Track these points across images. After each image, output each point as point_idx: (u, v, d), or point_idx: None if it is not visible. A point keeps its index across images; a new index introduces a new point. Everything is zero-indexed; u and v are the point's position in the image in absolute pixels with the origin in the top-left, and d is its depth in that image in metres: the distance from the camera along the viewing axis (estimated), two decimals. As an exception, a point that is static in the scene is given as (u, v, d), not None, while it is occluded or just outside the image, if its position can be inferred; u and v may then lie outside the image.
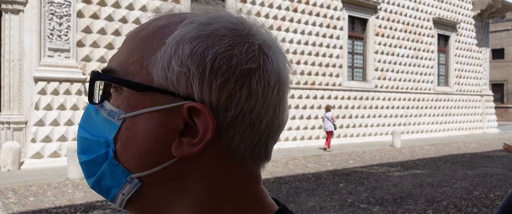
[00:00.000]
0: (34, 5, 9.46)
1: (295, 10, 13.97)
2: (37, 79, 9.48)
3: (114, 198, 0.49)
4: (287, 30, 13.71)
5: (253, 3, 12.91)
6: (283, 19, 13.66)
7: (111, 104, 0.48)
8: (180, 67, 0.46)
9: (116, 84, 0.49)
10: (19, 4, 9.39)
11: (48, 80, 9.53)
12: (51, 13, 9.63)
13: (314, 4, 14.53)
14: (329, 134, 12.73)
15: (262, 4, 13.13)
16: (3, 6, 9.36)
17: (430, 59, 19.00)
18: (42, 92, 9.48)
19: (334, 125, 12.66)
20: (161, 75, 0.46)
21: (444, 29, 19.78)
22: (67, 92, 9.75)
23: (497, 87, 33.38)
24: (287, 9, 13.77)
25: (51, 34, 9.66)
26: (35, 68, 9.52)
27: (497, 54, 33.79)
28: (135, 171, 0.47)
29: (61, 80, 9.62)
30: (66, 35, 9.79)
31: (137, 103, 0.47)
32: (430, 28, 19.05)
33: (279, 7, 13.55)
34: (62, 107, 9.63)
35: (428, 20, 18.91)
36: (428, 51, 18.94)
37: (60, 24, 9.74)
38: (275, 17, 13.42)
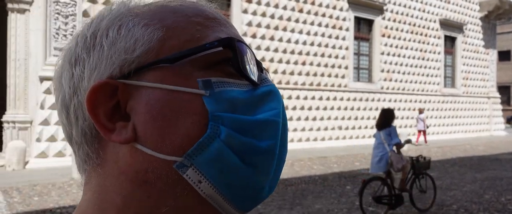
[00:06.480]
0: (40, 4, 9.43)
1: (300, 11, 13.88)
2: (42, 79, 9.46)
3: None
4: (292, 31, 13.63)
5: (259, 3, 12.84)
6: (289, 19, 13.57)
7: None
8: None
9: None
10: (25, 4, 9.36)
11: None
12: (57, 12, 9.61)
13: (320, 5, 14.44)
14: (420, 132, 15.58)
15: (267, 5, 13.05)
16: (9, 5, 9.34)
17: (436, 60, 18.85)
18: (48, 91, 9.46)
19: (425, 125, 15.41)
20: None
21: (451, 31, 19.62)
22: (72, 92, 9.70)
23: (503, 90, 33.11)
24: (293, 9, 13.69)
25: (57, 33, 9.63)
26: (40, 67, 9.50)
27: (504, 56, 33.53)
28: None
29: (66, 80, 9.57)
30: (71, 35, 9.72)
31: None
32: (437, 29, 18.90)
33: (284, 8, 13.47)
34: (67, 107, 9.58)
35: (434, 21, 18.77)
36: (434, 52, 18.79)
37: (66, 23, 9.72)
38: (280, 18, 13.34)
